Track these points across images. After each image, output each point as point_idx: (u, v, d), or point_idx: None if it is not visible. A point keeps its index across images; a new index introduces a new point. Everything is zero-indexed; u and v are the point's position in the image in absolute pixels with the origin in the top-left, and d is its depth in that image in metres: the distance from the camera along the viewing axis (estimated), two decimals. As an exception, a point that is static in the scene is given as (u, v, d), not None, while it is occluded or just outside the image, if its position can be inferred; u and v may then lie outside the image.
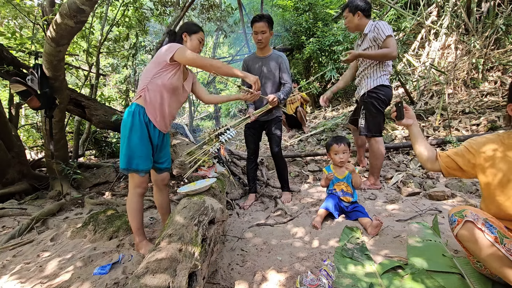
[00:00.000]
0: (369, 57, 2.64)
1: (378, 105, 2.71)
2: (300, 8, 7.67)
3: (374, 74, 2.71)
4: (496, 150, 1.35)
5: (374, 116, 2.73)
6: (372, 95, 2.71)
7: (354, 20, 2.68)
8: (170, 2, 4.97)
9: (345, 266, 1.67)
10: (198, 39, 2.07)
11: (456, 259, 1.60)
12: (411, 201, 2.53)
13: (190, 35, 2.06)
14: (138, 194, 1.95)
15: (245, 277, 1.66)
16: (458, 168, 1.45)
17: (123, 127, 1.88)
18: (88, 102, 3.80)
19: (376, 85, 2.68)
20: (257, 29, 2.56)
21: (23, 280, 1.76)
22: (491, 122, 3.82)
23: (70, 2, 2.23)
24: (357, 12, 2.64)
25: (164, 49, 1.87)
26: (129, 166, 1.85)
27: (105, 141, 6.29)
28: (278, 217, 2.55)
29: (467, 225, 1.27)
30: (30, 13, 3.99)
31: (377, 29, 2.56)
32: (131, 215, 1.96)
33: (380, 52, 2.56)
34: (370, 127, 2.76)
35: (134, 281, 1.08)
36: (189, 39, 2.06)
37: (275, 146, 2.82)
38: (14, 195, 3.51)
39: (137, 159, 1.86)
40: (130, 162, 1.85)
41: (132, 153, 1.84)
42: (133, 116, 1.85)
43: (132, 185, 1.93)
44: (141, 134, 1.85)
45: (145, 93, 1.87)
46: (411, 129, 1.62)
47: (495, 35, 4.81)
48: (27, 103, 2.90)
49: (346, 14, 2.71)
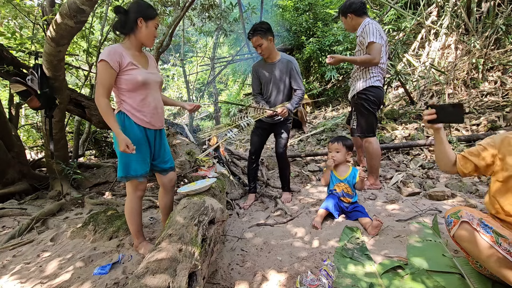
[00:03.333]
0: (351, 61, 2.71)
1: (368, 106, 2.73)
2: (300, 8, 7.68)
3: (364, 75, 2.73)
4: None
5: (365, 116, 2.76)
6: (362, 96, 2.74)
7: (349, 23, 2.75)
8: (170, 2, 4.97)
9: (345, 266, 1.67)
10: (155, 26, 1.82)
11: (456, 259, 1.60)
12: (411, 201, 2.53)
13: (147, 21, 1.78)
14: (137, 197, 1.92)
15: (245, 277, 1.66)
16: (474, 168, 1.43)
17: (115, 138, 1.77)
18: (88, 102, 3.80)
19: (365, 87, 2.70)
20: (254, 44, 2.54)
21: (23, 280, 1.76)
22: (491, 122, 3.82)
23: (70, 2, 2.23)
24: (347, 15, 2.71)
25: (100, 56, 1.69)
26: (127, 174, 1.82)
27: (105, 141, 6.29)
28: (278, 217, 2.55)
29: (463, 226, 1.28)
30: (30, 13, 3.99)
31: (364, 33, 2.59)
32: (130, 218, 1.93)
33: (361, 58, 2.60)
34: (363, 128, 2.79)
35: (134, 281, 1.08)
36: (144, 26, 1.78)
37: (280, 147, 2.81)
38: (14, 195, 3.51)
39: (133, 164, 1.81)
40: (128, 169, 1.81)
41: (128, 159, 1.79)
42: (123, 123, 1.78)
43: (131, 189, 1.89)
44: (135, 138, 1.78)
45: (123, 104, 1.80)
46: (440, 132, 1.48)
47: (495, 35, 4.82)
48: (27, 103, 2.90)
49: (341, 18, 2.81)
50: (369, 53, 2.57)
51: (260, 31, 2.45)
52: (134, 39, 1.81)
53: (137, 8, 1.77)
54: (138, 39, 1.82)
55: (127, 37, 1.82)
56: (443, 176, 3.07)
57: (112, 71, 1.69)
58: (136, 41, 1.82)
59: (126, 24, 1.78)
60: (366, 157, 2.89)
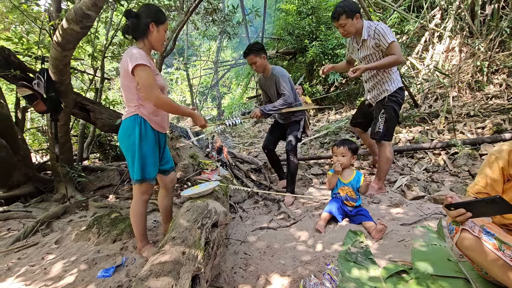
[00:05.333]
0: (377, 68, 2.60)
1: (397, 110, 2.70)
2: (303, 12, 7.71)
3: (389, 77, 2.67)
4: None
5: (393, 120, 2.69)
6: (393, 99, 2.67)
7: (354, 25, 2.57)
8: (174, 7, 5.02)
9: (349, 270, 1.65)
10: (164, 30, 1.85)
11: (461, 263, 1.58)
12: (416, 205, 2.51)
13: (158, 26, 1.80)
14: (144, 201, 1.93)
15: (248, 281, 1.66)
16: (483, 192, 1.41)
17: (129, 141, 1.81)
18: (93, 105, 3.84)
19: (395, 89, 2.66)
20: (249, 62, 2.92)
21: (28, 282, 1.77)
22: (497, 125, 3.78)
23: (76, 7, 2.27)
24: (355, 16, 2.54)
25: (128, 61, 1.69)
26: (143, 176, 1.83)
27: (109, 144, 6.33)
28: (281, 220, 2.54)
29: (464, 234, 1.25)
30: (37, 19, 4.05)
31: (378, 35, 2.51)
32: (135, 221, 1.93)
33: (387, 61, 2.51)
34: (388, 131, 2.70)
35: (137, 284, 1.08)
36: (156, 30, 1.80)
37: (287, 146, 3.00)
38: (20, 198, 3.54)
39: (149, 167, 1.85)
40: (144, 172, 1.83)
41: (144, 162, 1.83)
42: (140, 126, 1.80)
43: (139, 192, 1.89)
44: (151, 142, 1.85)
45: (140, 109, 1.82)
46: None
47: (499, 38, 4.79)
48: (33, 106, 2.93)
49: (344, 21, 2.55)
50: (392, 53, 2.48)
51: (254, 51, 2.82)
52: (147, 43, 1.84)
53: (148, 13, 1.78)
54: (150, 43, 1.84)
55: (141, 41, 1.83)
56: (448, 180, 3.04)
57: (152, 73, 1.73)
58: (149, 46, 1.85)
59: (138, 28, 1.78)
60: (380, 160, 2.78)
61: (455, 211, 1.24)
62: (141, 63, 1.66)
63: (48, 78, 2.92)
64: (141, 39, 1.82)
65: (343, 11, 2.52)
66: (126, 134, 1.82)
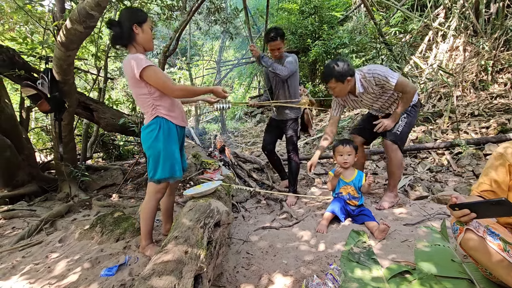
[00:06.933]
0: (404, 110, 2.46)
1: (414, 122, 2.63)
2: (306, 11, 7.68)
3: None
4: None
5: (410, 128, 2.61)
6: (416, 108, 2.59)
7: (346, 88, 2.37)
8: (177, 7, 5.03)
9: (352, 270, 1.65)
10: (149, 28, 1.82)
11: (465, 264, 1.57)
12: (419, 205, 2.50)
13: (141, 26, 1.77)
14: (157, 199, 1.94)
15: (250, 280, 1.66)
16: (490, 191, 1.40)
17: (155, 141, 1.82)
18: (97, 105, 3.86)
19: (417, 98, 2.56)
20: (274, 46, 2.69)
21: (32, 280, 1.79)
22: (501, 125, 3.75)
23: (80, 7, 2.28)
24: (346, 79, 2.31)
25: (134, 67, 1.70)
26: (173, 174, 1.86)
27: (112, 143, 6.36)
28: (283, 220, 2.54)
29: (469, 234, 1.24)
30: (41, 19, 4.08)
31: (379, 80, 2.31)
32: (145, 218, 1.94)
33: (407, 101, 2.39)
34: (404, 136, 2.58)
35: (140, 283, 1.08)
36: (141, 31, 1.78)
37: (287, 145, 2.99)
38: (24, 197, 3.58)
39: (177, 165, 1.88)
40: (173, 169, 1.85)
41: (174, 160, 1.86)
42: (163, 127, 1.83)
43: (154, 190, 1.90)
44: (175, 140, 1.88)
45: (158, 110, 1.84)
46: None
47: (504, 37, 4.74)
48: (38, 106, 2.95)
49: (334, 84, 2.34)
50: (404, 90, 2.32)
51: (281, 36, 2.66)
52: (138, 46, 1.83)
53: (128, 16, 1.77)
54: (140, 45, 1.83)
55: (131, 47, 1.82)
56: (451, 180, 3.02)
57: (158, 68, 1.77)
58: (140, 48, 1.85)
59: (123, 35, 1.77)
60: (392, 165, 2.57)
61: (459, 211, 1.22)
62: (145, 65, 1.69)
63: (52, 78, 2.94)
64: (130, 45, 1.82)
65: (332, 75, 2.31)
66: (150, 136, 1.84)
